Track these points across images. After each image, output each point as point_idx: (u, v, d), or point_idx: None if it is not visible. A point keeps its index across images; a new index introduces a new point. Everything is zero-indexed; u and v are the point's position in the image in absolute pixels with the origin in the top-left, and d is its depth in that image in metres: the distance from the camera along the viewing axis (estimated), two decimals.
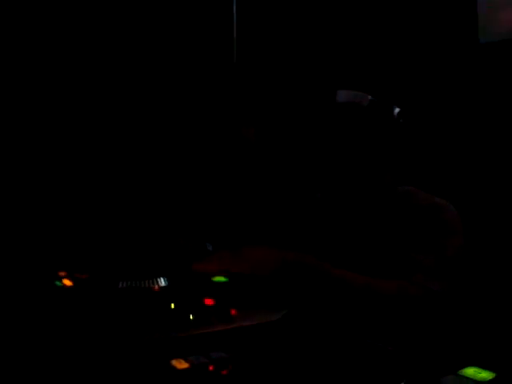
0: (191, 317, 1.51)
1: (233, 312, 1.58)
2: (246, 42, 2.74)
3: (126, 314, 1.55)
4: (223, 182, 2.41)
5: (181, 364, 1.16)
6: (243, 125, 2.48)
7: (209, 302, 1.64)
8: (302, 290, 1.75)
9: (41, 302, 1.64)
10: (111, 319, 1.50)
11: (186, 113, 2.43)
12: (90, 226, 2.14)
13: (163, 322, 1.47)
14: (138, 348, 1.28)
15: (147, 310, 1.59)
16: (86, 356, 1.26)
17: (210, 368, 1.16)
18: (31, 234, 2.04)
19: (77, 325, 1.45)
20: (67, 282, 1.83)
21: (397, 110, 2.05)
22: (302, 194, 2.26)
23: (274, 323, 1.48)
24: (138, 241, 2.10)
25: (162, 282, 1.84)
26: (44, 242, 2.04)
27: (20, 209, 2.05)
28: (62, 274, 1.91)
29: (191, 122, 2.42)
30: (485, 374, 1.13)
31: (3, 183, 2.02)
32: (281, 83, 2.69)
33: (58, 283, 1.81)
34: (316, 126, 2.04)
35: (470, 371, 1.14)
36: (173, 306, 1.60)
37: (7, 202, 2.02)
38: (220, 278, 1.86)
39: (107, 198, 2.18)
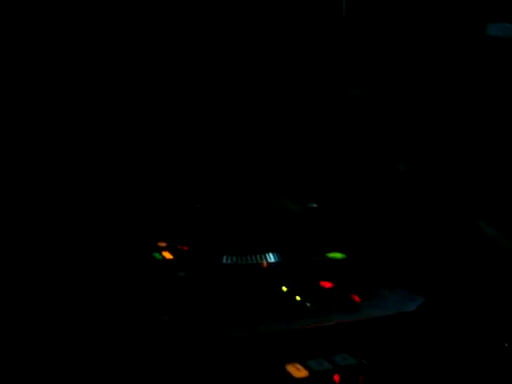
0: (307, 304, 1.26)
1: (355, 298, 1.31)
2: None
3: (229, 295, 1.33)
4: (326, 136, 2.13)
5: (298, 371, 0.92)
6: (351, 88, 2.18)
7: (326, 284, 1.38)
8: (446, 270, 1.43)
9: (138, 277, 1.46)
10: (212, 302, 1.28)
11: (289, 72, 2.17)
12: (193, 191, 1.95)
13: (272, 309, 1.23)
14: (240, 343, 1.05)
15: (254, 291, 1.36)
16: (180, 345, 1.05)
17: (336, 378, 0.91)
18: (130, 201, 1.87)
19: (174, 305, 1.26)
20: (167, 255, 1.65)
21: None
22: (382, 165, 1.93)
23: (412, 314, 1.19)
24: (246, 209, 1.88)
25: (272, 258, 1.59)
26: (143, 208, 1.87)
27: (120, 173, 1.89)
28: (162, 244, 1.73)
29: (293, 82, 2.16)
30: None
31: (105, 145, 1.86)
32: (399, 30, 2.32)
33: (157, 255, 1.64)
34: (458, 64, 1.69)
35: None
36: (284, 288, 1.36)
37: (105, 165, 1.86)
38: (335, 254, 1.59)
39: (214, 162, 1.97)
